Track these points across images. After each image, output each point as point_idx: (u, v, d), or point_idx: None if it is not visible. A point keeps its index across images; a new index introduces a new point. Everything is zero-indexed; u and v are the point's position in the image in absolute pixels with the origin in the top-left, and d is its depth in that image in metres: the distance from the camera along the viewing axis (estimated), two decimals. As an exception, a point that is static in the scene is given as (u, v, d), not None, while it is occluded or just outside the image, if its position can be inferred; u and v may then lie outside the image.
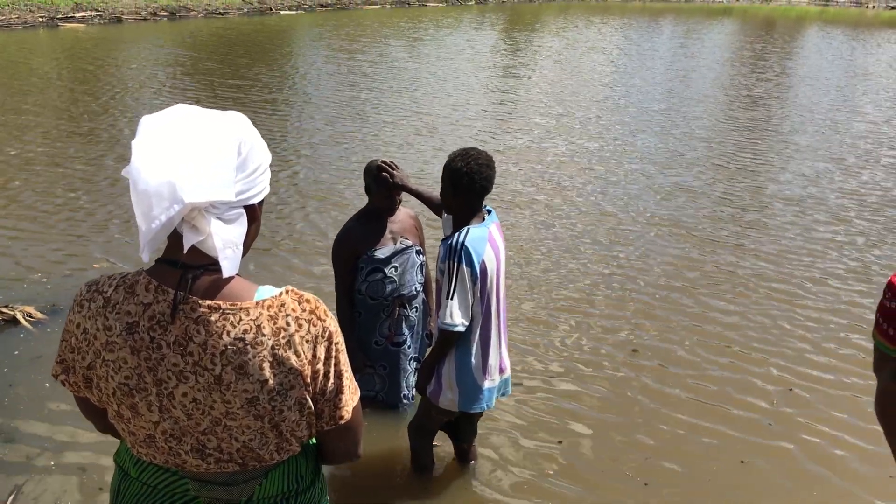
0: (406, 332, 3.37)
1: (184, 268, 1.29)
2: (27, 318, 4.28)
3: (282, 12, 23.53)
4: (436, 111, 10.39)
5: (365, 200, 3.31)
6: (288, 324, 1.32)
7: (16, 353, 4.00)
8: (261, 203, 1.37)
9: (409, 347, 3.40)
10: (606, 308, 4.77)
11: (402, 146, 8.45)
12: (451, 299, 2.56)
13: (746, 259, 5.64)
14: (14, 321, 4.25)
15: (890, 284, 1.51)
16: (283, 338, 1.31)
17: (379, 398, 3.46)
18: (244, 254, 1.33)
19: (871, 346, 1.71)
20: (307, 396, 1.36)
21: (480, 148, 2.71)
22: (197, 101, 10.08)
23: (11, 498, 2.97)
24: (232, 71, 12.95)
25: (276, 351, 1.30)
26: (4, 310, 4.29)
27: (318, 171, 7.42)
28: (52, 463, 3.19)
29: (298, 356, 1.32)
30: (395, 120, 9.71)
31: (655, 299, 4.90)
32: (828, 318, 4.75)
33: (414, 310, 3.38)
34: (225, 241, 1.26)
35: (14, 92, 10.71)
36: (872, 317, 1.60)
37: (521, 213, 6.41)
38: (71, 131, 8.65)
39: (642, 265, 5.44)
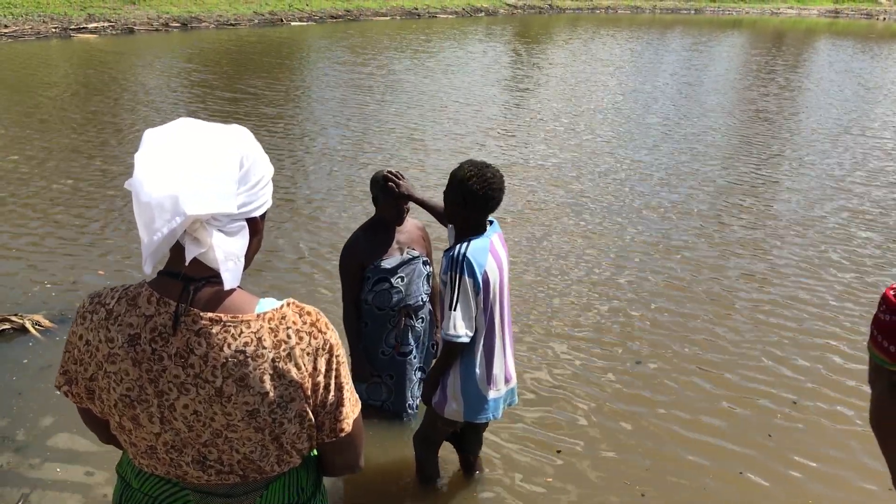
0: (412, 342, 3.37)
1: (185, 280, 1.30)
2: (36, 326, 4.30)
3: (292, 24, 23.70)
4: (436, 125, 10.33)
5: (369, 214, 3.32)
6: (289, 336, 1.32)
7: (24, 361, 4.02)
8: (263, 216, 1.38)
9: (414, 357, 3.41)
10: (604, 323, 4.75)
11: (400, 160, 8.42)
12: (454, 310, 2.57)
13: (745, 275, 5.60)
14: (23, 330, 4.27)
15: (884, 297, 1.51)
16: (284, 350, 1.31)
17: (385, 407, 3.47)
18: (246, 266, 1.34)
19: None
20: (308, 409, 1.37)
21: (488, 162, 2.69)
22: (201, 113, 10.16)
23: (17, 506, 2.99)
24: (235, 83, 13.02)
25: (277, 363, 1.31)
26: (13, 318, 4.31)
27: (315, 186, 7.38)
28: (58, 471, 3.20)
29: (299, 369, 1.33)
30: (394, 134, 9.67)
31: (653, 315, 4.87)
32: (829, 333, 4.72)
33: (420, 320, 3.38)
34: (227, 253, 1.27)
35: (24, 102, 10.82)
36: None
37: (515, 228, 6.35)
38: (78, 141, 8.71)
39: (640, 282, 5.39)
